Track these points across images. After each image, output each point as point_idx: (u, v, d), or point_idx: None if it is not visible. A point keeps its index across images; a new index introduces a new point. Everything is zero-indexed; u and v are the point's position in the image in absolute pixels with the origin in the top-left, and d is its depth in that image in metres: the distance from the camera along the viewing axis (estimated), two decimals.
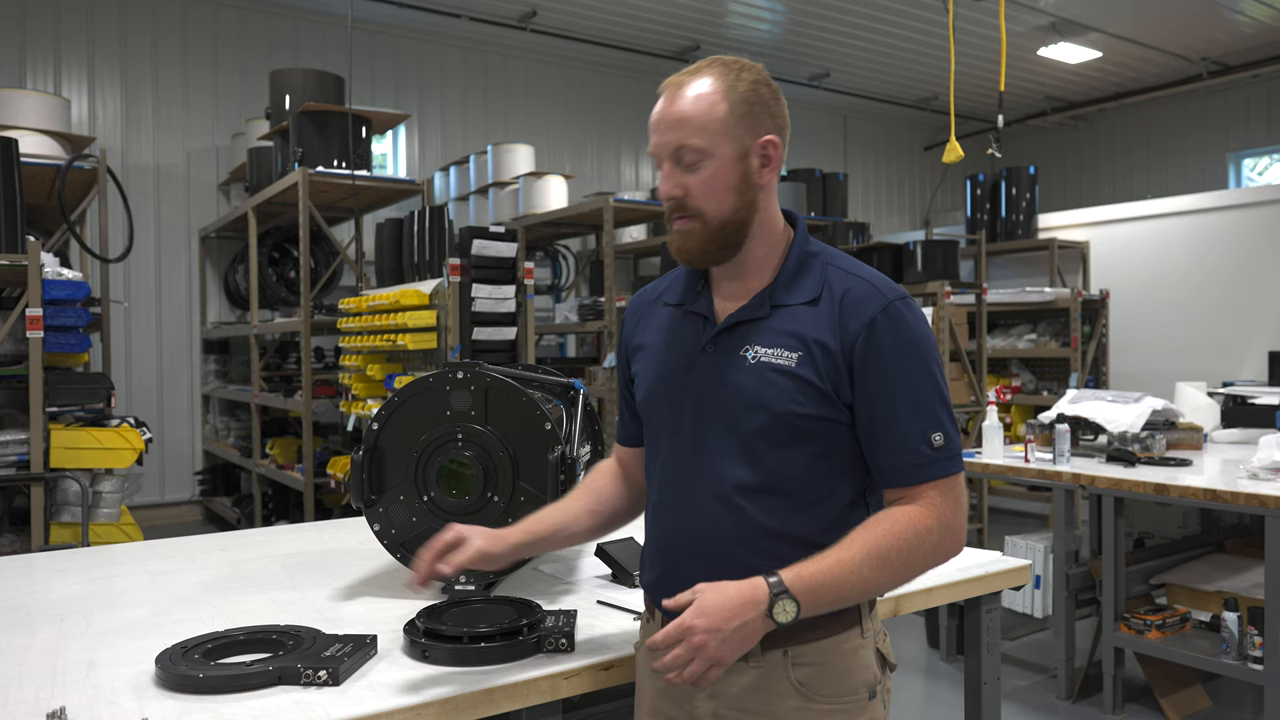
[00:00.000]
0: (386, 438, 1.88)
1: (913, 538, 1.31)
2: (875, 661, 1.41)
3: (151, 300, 8.17)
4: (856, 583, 1.28)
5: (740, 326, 1.39)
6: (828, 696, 1.36)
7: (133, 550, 2.40)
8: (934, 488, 1.34)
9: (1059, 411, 4.18)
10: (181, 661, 1.41)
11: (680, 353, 1.44)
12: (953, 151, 4.44)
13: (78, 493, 4.24)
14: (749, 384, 1.36)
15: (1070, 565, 3.78)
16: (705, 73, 1.37)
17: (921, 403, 1.33)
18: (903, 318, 1.34)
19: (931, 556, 1.34)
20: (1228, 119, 11.62)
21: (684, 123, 1.35)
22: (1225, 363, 7.13)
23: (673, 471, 1.44)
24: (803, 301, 1.37)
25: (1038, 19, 9.19)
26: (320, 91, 6.44)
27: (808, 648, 1.36)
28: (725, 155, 1.35)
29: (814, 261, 1.41)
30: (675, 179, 1.37)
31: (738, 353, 1.38)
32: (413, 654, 1.50)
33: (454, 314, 4.51)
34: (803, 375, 1.34)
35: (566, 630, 1.52)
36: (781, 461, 1.35)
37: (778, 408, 1.34)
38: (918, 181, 13.52)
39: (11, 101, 5.85)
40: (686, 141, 1.35)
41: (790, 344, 1.35)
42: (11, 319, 4.17)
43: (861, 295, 1.35)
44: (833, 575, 1.27)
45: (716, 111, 1.34)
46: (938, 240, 6.55)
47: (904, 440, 1.33)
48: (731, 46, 9.82)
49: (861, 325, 1.33)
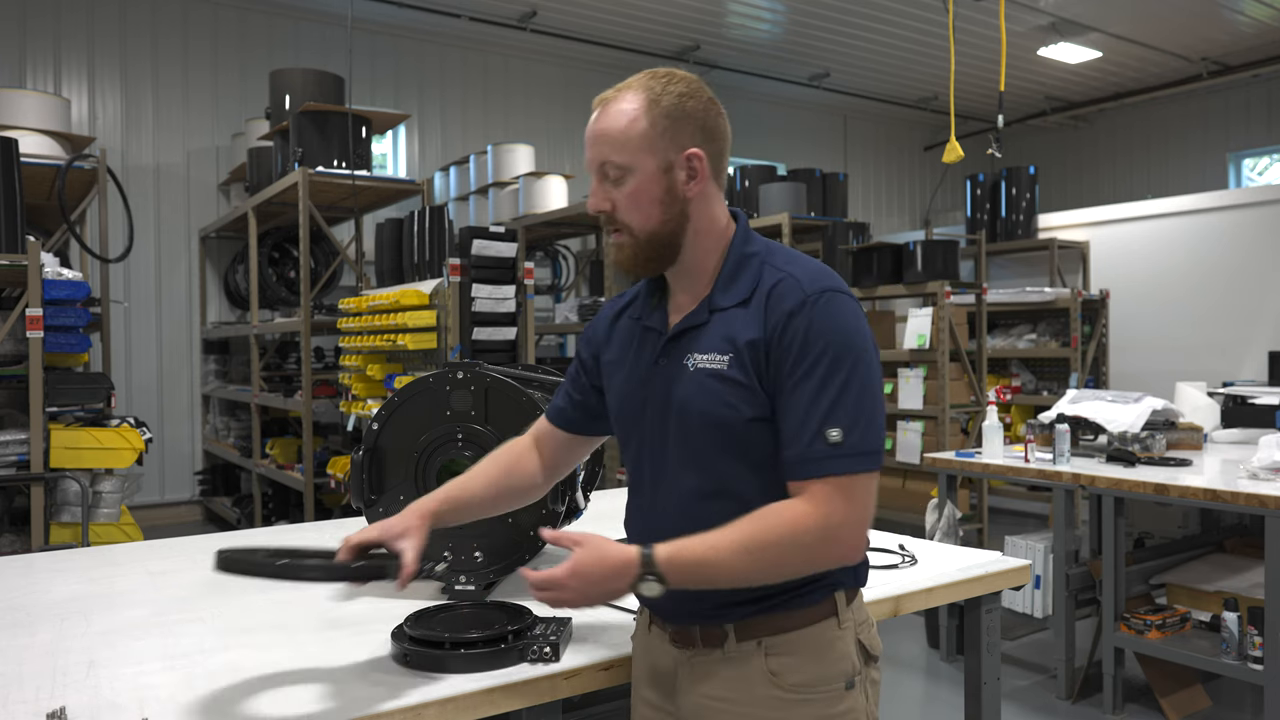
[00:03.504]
0: (386, 438, 1.88)
1: (788, 533, 1.29)
2: (855, 652, 1.41)
3: (151, 300, 8.17)
4: (727, 571, 1.29)
5: (684, 335, 1.42)
6: (801, 687, 1.36)
7: (133, 550, 2.40)
8: (825, 484, 1.29)
9: (1059, 411, 4.18)
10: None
11: (639, 366, 1.47)
12: (953, 151, 4.44)
13: (78, 493, 4.24)
14: (689, 391, 1.38)
15: (1070, 565, 3.78)
16: (632, 88, 1.40)
17: (823, 396, 1.30)
18: (822, 310, 1.32)
19: (809, 555, 1.31)
20: (1228, 119, 11.62)
21: (605, 139, 1.39)
22: (1225, 363, 7.13)
23: (641, 480, 1.48)
24: (736, 303, 1.38)
25: (1038, 19, 9.19)
26: (320, 91, 6.44)
27: (781, 639, 1.37)
28: (647, 170, 1.38)
29: (751, 261, 1.42)
30: (602, 193, 1.41)
31: (681, 361, 1.40)
32: (397, 658, 1.50)
33: (454, 314, 4.51)
34: (732, 376, 1.34)
35: (553, 640, 1.51)
36: (729, 467, 1.37)
37: (715, 413, 1.35)
38: (918, 181, 13.52)
39: (11, 101, 5.85)
40: (608, 158, 1.39)
41: (722, 347, 1.36)
42: (11, 319, 4.17)
43: (785, 289, 1.35)
44: (705, 559, 1.29)
45: (636, 128, 1.37)
46: (938, 240, 6.53)
47: (798, 433, 1.31)
48: (731, 46, 9.83)
49: (780, 318, 1.33)
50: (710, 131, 1.41)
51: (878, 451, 1.32)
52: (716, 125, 1.42)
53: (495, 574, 1.84)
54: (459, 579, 1.82)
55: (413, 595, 1.85)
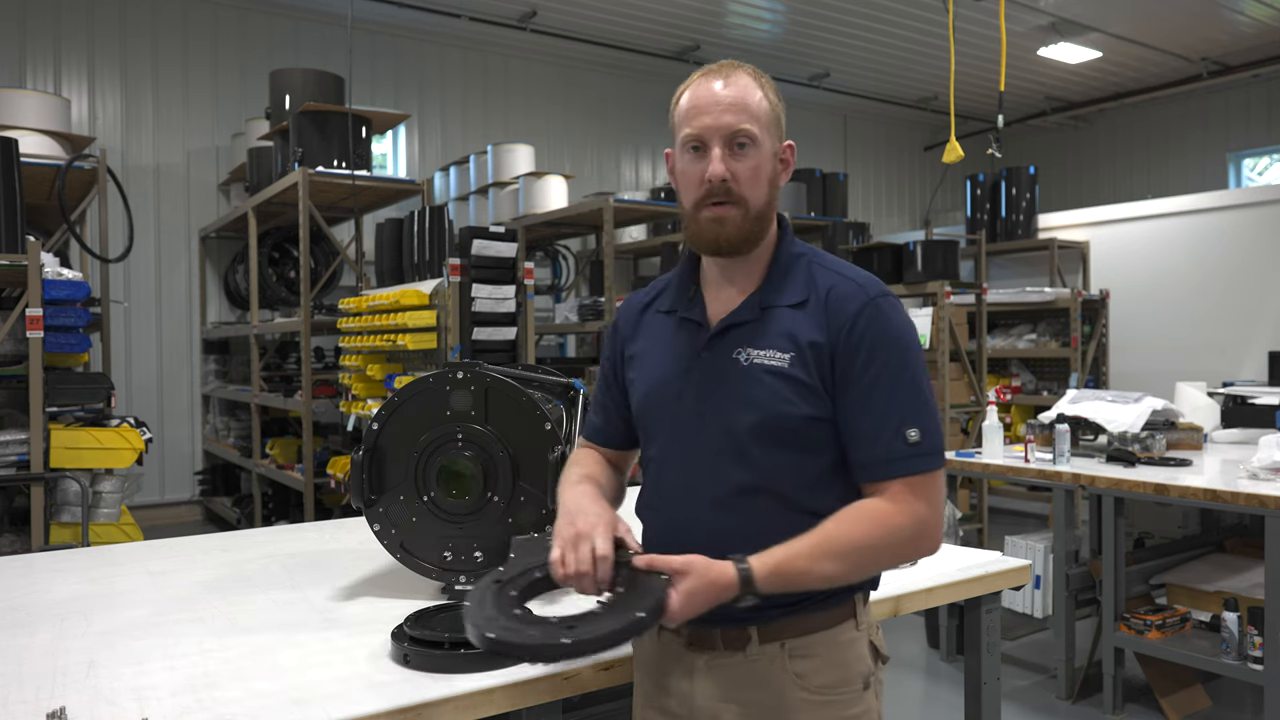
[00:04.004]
0: (386, 438, 1.88)
1: (881, 535, 1.31)
2: (869, 653, 1.42)
3: (151, 300, 8.17)
4: (820, 578, 1.30)
5: (733, 330, 1.41)
6: (824, 688, 1.37)
7: (133, 550, 2.40)
8: (907, 483, 1.33)
9: (1059, 411, 4.18)
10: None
11: (676, 358, 1.45)
12: (953, 151, 4.44)
13: (78, 493, 4.24)
14: (743, 386, 1.37)
15: (1070, 565, 3.78)
16: (742, 70, 1.40)
17: (896, 398, 1.33)
18: (884, 314, 1.36)
19: (900, 554, 1.35)
20: (1228, 119, 11.61)
21: (742, 107, 1.37)
22: (1225, 363, 7.13)
23: (669, 475, 1.45)
24: (791, 304, 1.39)
25: (1038, 19, 9.19)
26: (320, 91, 6.44)
27: (804, 640, 1.37)
28: (767, 148, 1.39)
29: (800, 262, 1.43)
30: (727, 162, 1.37)
31: (731, 355, 1.39)
32: (396, 658, 1.50)
33: (454, 314, 4.50)
34: (794, 375, 1.35)
35: None
36: (777, 463, 1.36)
37: (771, 409, 1.35)
38: (918, 181, 13.52)
39: (11, 101, 5.85)
40: (745, 126, 1.36)
41: (782, 345, 1.36)
42: (11, 319, 4.17)
43: (845, 293, 1.37)
44: (804, 571, 1.28)
45: (764, 105, 1.39)
46: (938, 240, 6.54)
47: (877, 434, 1.33)
48: (731, 46, 9.82)
49: (845, 321, 1.34)
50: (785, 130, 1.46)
51: (944, 448, 1.38)
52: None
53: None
54: (459, 579, 1.82)
55: (413, 595, 1.85)
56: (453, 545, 1.84)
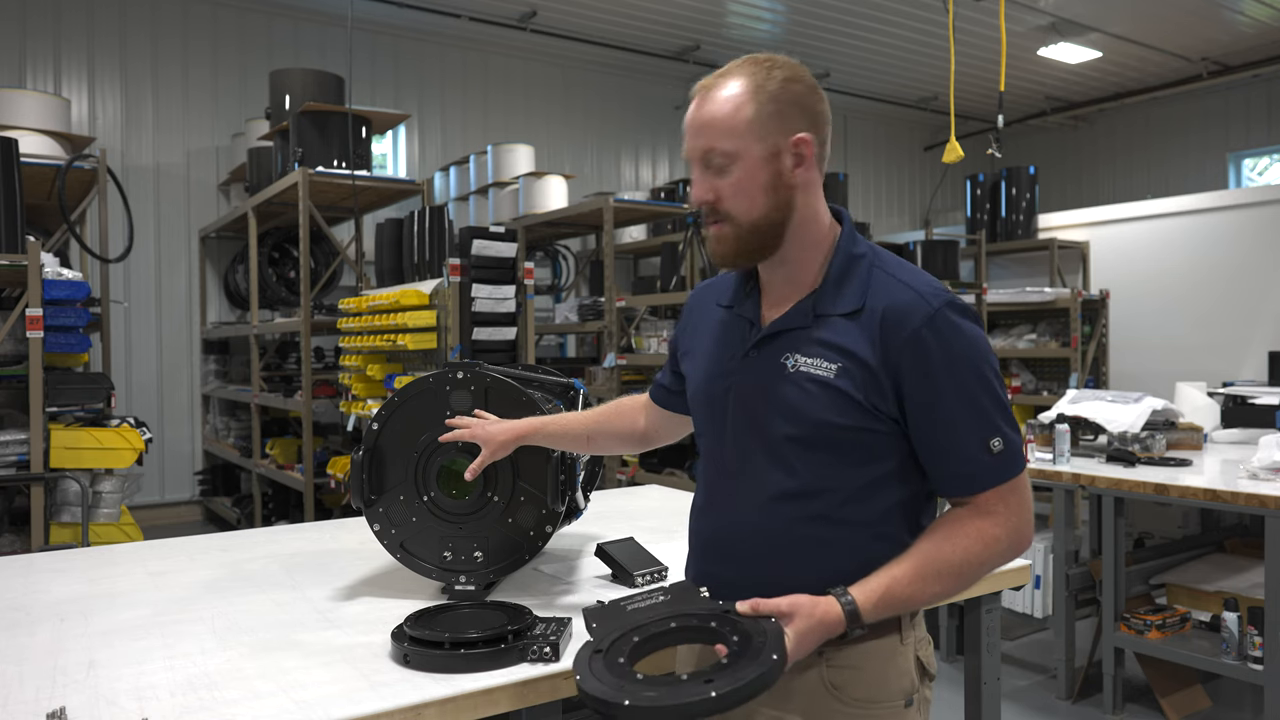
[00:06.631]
0: (386, 438, 1.87)
1: (981, 550, 1.31)
2: (914, 669, 1.40)
3: (151, 300, 8.17)
4: (923, 600, 1.31)
5: (782, 334, 1.39)
6: (861, 701, 1.35)
7: (133, 550, 2.39)
8: (997, 493, 1.32)
9: (1059, 411, 4.18)
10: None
11: (725, 356, 1.45)
12: (953, 151, 4.44)
13: (78, 493, 4.24)
14: (787, 392, 1.36)
15: (1070, 565, 3.78)
16: (735, 74, 1.37)
17: (976, 410, 1.31)
18: (950, 325, 1.31)
19: (1000, 562, 1.35)
20: (1228, 119, 11.61)
21: (710, 127, 1.35)
22: (1225, 363, 7.13)
23: (716, 476, 1.45)
24: (845, 313, 1.36)
25: (1038, 19, 9.19)
26: (320, 91, 6.44)
27: (844, 651, 1.35)
28: (754, 156, 1.34)
29: (859, 265, 1.39)
30: (706, 183, 1.37)
31: (778, 360, 1.38)
32: (396, 658, 1.50)
33: (454, 314, 4.50)
34: (840, 388, 1.32)
35: (553, 640, 1.50)
36: (821, 469, 1.35)
37: (814, 417, 1.33)
38: (918, 181, 13.52)
39: (11, 101, 5.85)
40: (714, 145, 1.35)
41: (830, 355, 1.34)
42: (11, 319, 4.17)
43: (905, 307, 1.32)
44: (907, 597, 1.29)
45: (743, 113, 1.34)
46: (938, 240, 6.55)
47: (962, 451, 1.31)
48: (731, 46, 9.82)
49: (905, 339, 1.31)
50: (815, 117, 1.38)
51: (1023, 443, 1.36)
52: (821, 111, 1.40)
53: (495, 574, 1.84)
54: (459, 579, 1.82)
55: (413, 595, 1.85)
56: (453, 545, 1.84)
